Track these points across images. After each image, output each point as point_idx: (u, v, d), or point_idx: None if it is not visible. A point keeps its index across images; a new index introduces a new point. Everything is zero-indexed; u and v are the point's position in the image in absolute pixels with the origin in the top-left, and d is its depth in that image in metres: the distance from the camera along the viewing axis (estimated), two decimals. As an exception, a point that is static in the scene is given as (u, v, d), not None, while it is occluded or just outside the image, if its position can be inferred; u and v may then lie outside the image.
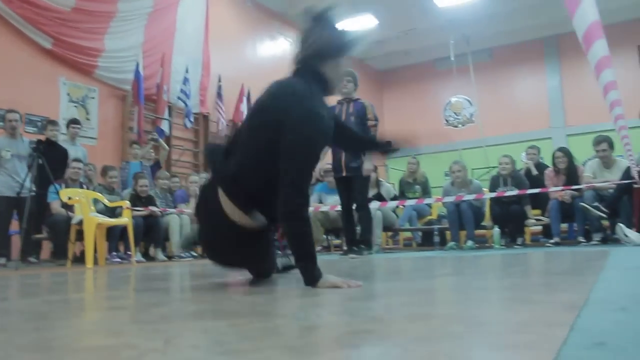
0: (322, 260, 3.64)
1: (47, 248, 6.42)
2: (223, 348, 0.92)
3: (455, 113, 13.83)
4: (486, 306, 1.39)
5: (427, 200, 7.21)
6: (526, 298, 1.50)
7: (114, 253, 5.96)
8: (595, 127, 11.18)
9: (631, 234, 4.79)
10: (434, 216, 7.91)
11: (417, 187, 7.71)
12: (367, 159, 5.28)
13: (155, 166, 7.91)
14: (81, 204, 5.19)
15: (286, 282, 2.24)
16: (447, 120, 13.91)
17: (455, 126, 13.74)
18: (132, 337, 1.05)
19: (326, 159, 8.94)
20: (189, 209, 6.75)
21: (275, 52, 11.64)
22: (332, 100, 5.74)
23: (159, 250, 6.44)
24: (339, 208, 6.99)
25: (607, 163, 5.98)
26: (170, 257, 6.55)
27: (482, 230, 6.96)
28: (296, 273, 2.01)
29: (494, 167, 11.00)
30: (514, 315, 1.21)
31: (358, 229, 5.53)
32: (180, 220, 6.61)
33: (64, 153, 6.24)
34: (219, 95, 9.83)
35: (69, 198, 5.26)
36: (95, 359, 0.87)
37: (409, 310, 1.34)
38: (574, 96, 12.31)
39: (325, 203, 7.42)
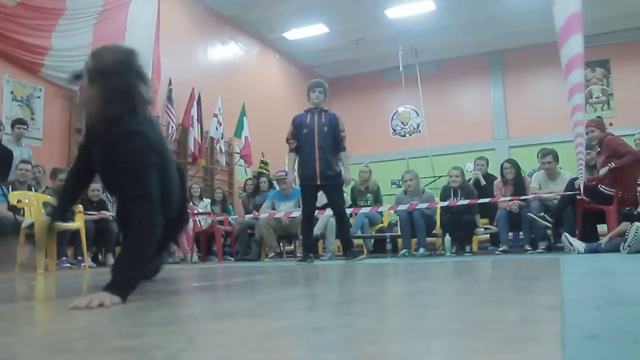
0: (287, 266, 3.64)
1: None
2: (251, 346, 0.96)
3: (402, 123, 14.14)
4: (473, 307, 1.48)
5: (381, 208, 7.36)
6: (506, 300, 1.61)
7: (64, 258, 5.77)
8: (536, 140, 11.76)
9: (575, 242, 5.06)
10: (385, 224, 8.08)
11: (369, 195, 7.86)
12: (346, 168, 5.43)
13: None
14: (32, 206, 5.01)
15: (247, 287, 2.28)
16: (394, 130, 14.21)
17: (403, 136, 14.05)
18: (151, 338, 1.07)
19: (278, 167, 9.00)
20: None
21: (226, 56, 11.59)
22: (300, 108, 5.86)
23: (110, 255, 6.30)
24: (293, 215, 7.08)
25: (552, 175, 6.28)
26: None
27: (432, 238, 7.17)
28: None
29: (440, 176, 11.35)
30: (504, 315, 1.30)
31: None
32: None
33: (8, 154, 6.01)
34: (169, 98, 9.68)
35: (18, 201, 5.06)
36: (131, 359, 0.89)
37: (403, 312, 1.41)
38: (516, 109, 12.86)
39: (278, 210, 7.46)
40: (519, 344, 0.94)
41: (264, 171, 11.03)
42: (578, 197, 5.49)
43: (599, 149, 5.87)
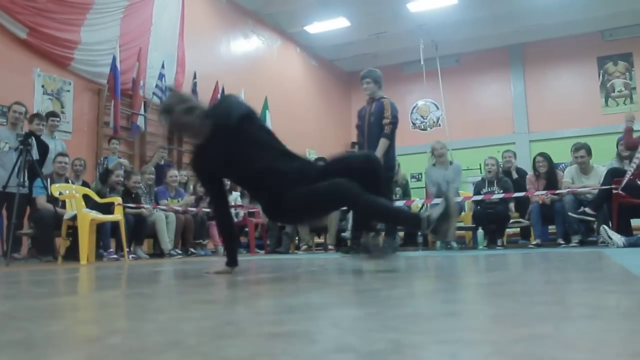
0: (330, 259, 3.68)
1: (25, 244, 6.23)
2: (398, 329, 1.00)
3: (422, 116, 14.13)
4: (578, 295, 1.51)
5: (415, 202, 7.36)
6: (602, 289, 1.63)
7: (111, 250, 5.84)
8: (556, 134, 11.73)
9: (614, 235, 5.05)
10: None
11: (398, 188, 7.87)
12: (377, 152, 5.39)
13: (167, 167, 8.09)
14: (75, 199, 5.08)
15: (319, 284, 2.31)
16: (414, 123, 14.20)
17: (423, 129, 14.04)
18: (299, 325, 1.10)
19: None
20: (178, 205, 6.71)
21: (249, 50, 11.64)
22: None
23: (139, 248, 6.39)
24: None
25: (585, 169, 6.28)
26: (158, 255, 6.50)
27: (461, 232, 7.17)
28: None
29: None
30: (617, 302, 1.33)
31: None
32: (167, 218, 6.56)
33: (45, 147, 6.09)
34: (194, 92, 9.72)
35: (60, 193, 5.14)
36: (300, 342, 0.93)
37: (521, 299, 1.44)
38: (537, 103, 12.81)
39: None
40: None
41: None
42: (614, 191, 5.48)
43: None
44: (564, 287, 1.73)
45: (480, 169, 9.85)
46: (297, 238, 7.91)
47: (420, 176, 12.50)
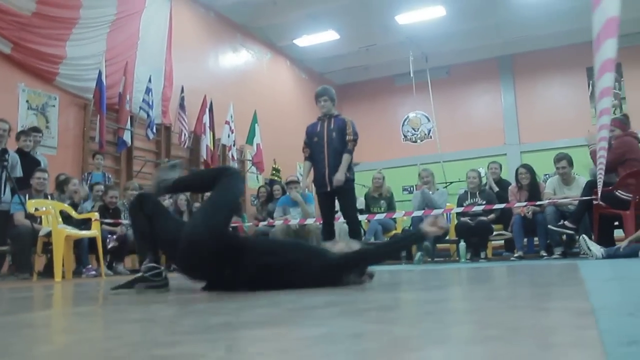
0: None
1: (6, 261, 6.18)
2: (291, 355, 0.96)
3: (413, 128, 14.12)
4: (505, 313, 1.48)
5: (395, 215, 7.34)
6: (537, 306, 1.60)
7: (89, 266, 5.79)
8: (548, 145, 11.70)
9: (593, 246, 5.01)
10: (398, 230, 8.05)
11: (383, 201, 7.84)
12: (340, 169, 5.32)
13: None
14: (50, 215, 5.04)
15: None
16: (405, 136, 14.19)
17: (414, 141, 14.03)
18: (187, 346, 1.07)
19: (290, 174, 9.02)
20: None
21: (238, 63, 11.65)
22: (311, 115, 5.84)
23: (119, 265, 6.33)
24: (306, 222, 7.10)
25: (566, 180, 6.25)
26: (138, 271, 6.42)
27: (446, 244, 7.13)
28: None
29: (451, 182, 11.31)
30: (538, 321, 1.30)
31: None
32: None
33: (36, 164, 6.07)
34: (182, 106, 9.73)
35: (36, 209, 5.10)
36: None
37: (435, 318, 1.41)
38: (528, 114, 12.81)
39: (290, 216, 7.48)
40: (560, 349, 0.94)
41: (276, 178, 11.04)
42: (595, 201, 5.45)
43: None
44: (500, 305, 1.69)
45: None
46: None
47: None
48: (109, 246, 5.83)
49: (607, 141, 3.13)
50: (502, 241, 7.21)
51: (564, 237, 6.11)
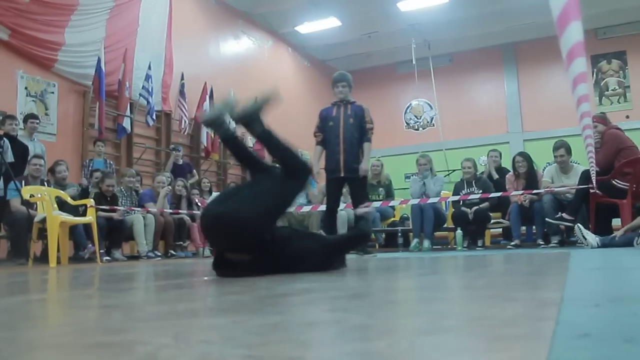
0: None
1: (3, 247, 6.22)
2: (236, 342, 0.95)
3: (415, 116, 14.06)
4: (470, 303, 1.46)
5: (392, 202, 7.32)
6: (506, 296, 1.58)
7: (90, 245, 5.77)
8: (551, 133, 11.60)
9: (588, 235, 4.98)
10: (396, 218, 8.04)
11: (381, 189, 7.82)
12: (365, 159, 5.33)
13: (187, 166, 8.53)
14: (44, 201, 5.05)
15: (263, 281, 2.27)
16: (407, 123, 14.13)
17: (416, 129, 13.97)
18: (137, 334, 1.07)
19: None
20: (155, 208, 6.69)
21: (239, 50, 11.60)
22: (326, 102, 5.82)
23: (117, 251, 6.35)
24: (304, 210, 7.10)
25: (564, 168, 6.19)
26: (137, 257, 6.47)
27: (444, 232, 7.12)
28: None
29: (453, 170, 11.27)
30: (500, 311, 1.28)
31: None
32: (144, 220, 6.53)
33: (24, 149, 6.06)
34: (182, 93, 9.71)
35: (31, 195, 5.11)
36: (110, 354, 0.89)
37: (400, 308, 1.40)
38: (531, 102, 12.72)
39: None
40: (507, 342, 0.92)
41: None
42: (591, 190, 5.41)
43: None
44: (471, 294, 1.68)
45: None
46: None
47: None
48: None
49: (591, 129, 3.10)
50: (501, 229, 7.18)
51: (563, 226, 6.08)
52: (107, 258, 5.99)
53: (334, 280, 2.29)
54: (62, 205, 5.75)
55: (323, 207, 6.96)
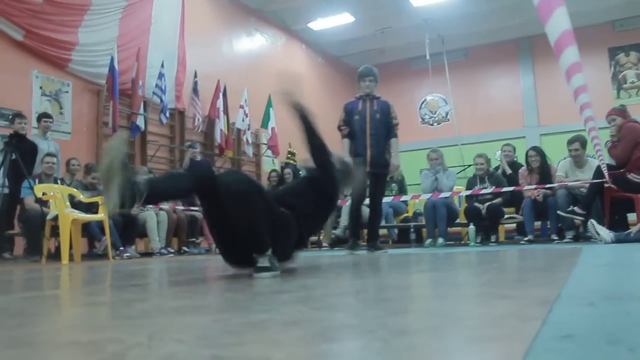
0: (323, 256, 3.67)
1: (20, 244, 6.31)
2: (208, 342, 0.94)
3: (430, 111, 13.95)
4: (463, 301, 1.44)
5: (403, 198, 7.27)
6: (501, 293, 1.55)
7: (104, 238, 5.78)
8: (568, 127, 11.39)
9: (602, 231, 4.89)
10: (410, 214, 7.99)
11: (394, 185, 7.77)
12: (394, 155, 5.32)
13: (205, 162, 8.71)
14: (56, 199, 5.11)
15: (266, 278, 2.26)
16: (422, 119, 14.03)
17: (431, 124, 13.87)
18: (116, 332, 1.07)
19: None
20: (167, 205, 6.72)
21: (252, 48, 11.61)
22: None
23: (130, 248, 6.39)
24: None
25: (579, 163, 6.10)
26: (150, 254, 6.51)
27: (457, 228, 7.06)
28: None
29: (469, 165, 11.15)
30: (489, 310, 1.25)
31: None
32: (157, 217, 6.57)
33: (33, 147, 6.14)
34: (195, 91, 9.75)
35: (44, 194, 5.17)
36: (80, 353, 0.88)
37: (390, 306, 1.37)
38: (547, 96, 12.53)
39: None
40: (484, 344, 0.90)
41: (292, 162, 11.03)
42: (606, 184, 5.31)
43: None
44: (465, 292, 1.65)
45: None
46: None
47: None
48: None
49: (594, 121, 3.04)
50: (515, 224, 7.09)
51: (578, 220, 5.99)
52: (128, 255, 5.99)
53: (336, 277, 2.28)
54: (79, 204, 5.81)
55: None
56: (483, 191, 6.29)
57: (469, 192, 6.38)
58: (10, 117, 6.42)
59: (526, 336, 0.91)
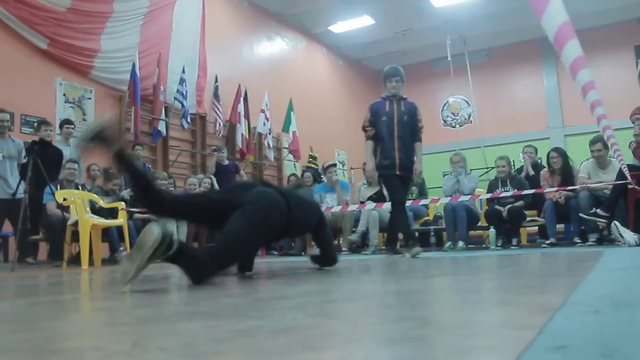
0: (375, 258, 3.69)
1: (44, 249, 6.42)
2: (190, 350, 0.93)
3: (453, 113, 13.83)
4: (463, 308, 1.40)
5: (423, 201, 7.20)
6: (505, 300, 1.51)
7: (122, 249, 5.87)
8: (593, 128, 11.09)
9: (626, 233, 4.76)
10: (430, 217, 7.90)
11: (414, 188, 7.70)
12: (418, 159, 5.26)
13: (232, 166, 8.79)
14: (76, 205, 5.19)
15: (270, 283, 2.24)
16: (444, 121, 13.91)
17: (453, 127, 13.74)
18: (101, 339, 1.06)
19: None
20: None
21: (272, 52, 11.65)
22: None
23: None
24: (334, 210, 7.05)
25: (602, 163, 5.96)
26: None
27: (478, 231, 6.96)
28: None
29: (492, 167, 11.01)
30: (486, 318, 1.21)
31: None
32: (176, 222, 6.61)
33: (58, 154, 6.24)
34: (216, 95, 9.82)
35: (64, 199, 5.25)
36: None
37: (386, 313, 1.35)
38: (572, 96, 12.27)
39: (324, 202, 7.47)
40: (469, 355, 0.86)
41: (313, 165, 11.03)
42: (629, 186, 5.17)
43: None
44: (468, 298, 1.61)
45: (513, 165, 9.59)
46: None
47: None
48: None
49: (612, 130, 2.95)
50: (537, 227, 6.96)
51: (602, 223, 5.84)
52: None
53: (341, 283, 2.25)
54: (100, 210, 5.88)
55: (353, 207, 6.93)
56: (503, 194, 6.19)
57: (488, 195, 6.28)
58: (36, 124, 6.54)
59: (517, 347, 0.88)
